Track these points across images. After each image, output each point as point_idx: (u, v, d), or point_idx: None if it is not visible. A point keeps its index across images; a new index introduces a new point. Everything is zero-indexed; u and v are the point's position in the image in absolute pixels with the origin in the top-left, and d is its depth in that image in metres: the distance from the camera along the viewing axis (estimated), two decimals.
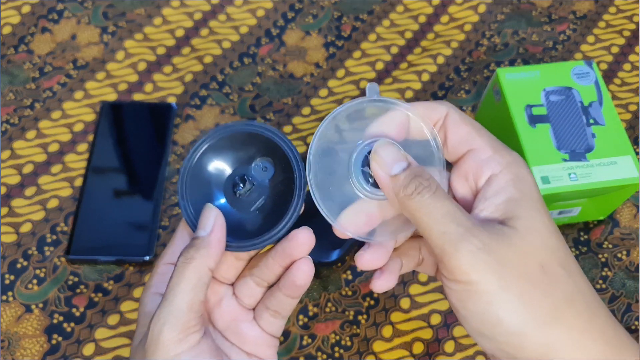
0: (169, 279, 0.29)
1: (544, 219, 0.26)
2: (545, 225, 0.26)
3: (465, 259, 0.25)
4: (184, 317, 0.27)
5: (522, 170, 0.27)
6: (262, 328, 0.33)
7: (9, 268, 0.46)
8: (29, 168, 0.50)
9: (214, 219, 0.29)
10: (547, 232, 0.26)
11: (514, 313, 0.25)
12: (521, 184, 0.27)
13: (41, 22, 0.57)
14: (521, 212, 0.26)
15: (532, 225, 0.26)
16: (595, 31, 0.60)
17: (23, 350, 0.43)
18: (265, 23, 0.59)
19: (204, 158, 0.32)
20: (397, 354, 0.44)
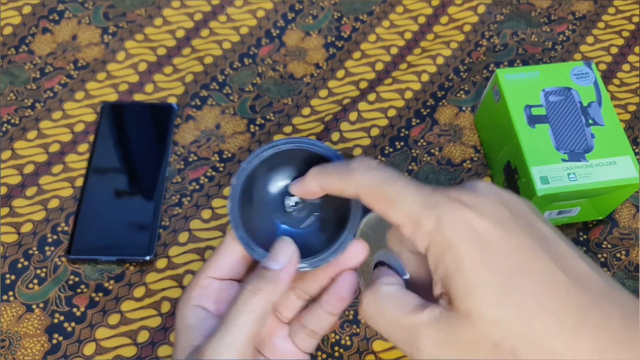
0: (232, 304, 0.28)
1: (483, 293, 0.23)
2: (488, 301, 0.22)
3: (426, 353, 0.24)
4: (241, 349, 0.27)
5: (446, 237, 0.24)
6: (296, 345, 0.33)
7: (9, 268, 0.46)
8: (30, 168, 0.50)
9: (291, 255, 0.29)
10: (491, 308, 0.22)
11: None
12: (449, 257, 0.23)
13: (42, 23, 0.57)
14: (455, 289, 0.23)
15: (473, 306, 0.23)
16: (594, 32, 0.60)
17: (24, 350, 0.43)
18: (265, 24, 0.59)
19: (256, 174, 0.31)
20: (396, 354, 0.45)
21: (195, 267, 0.47)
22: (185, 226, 0.48)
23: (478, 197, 0.25)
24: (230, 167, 0.51)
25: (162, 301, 0.46)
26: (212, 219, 0.49)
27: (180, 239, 0.48)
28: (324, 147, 0.31)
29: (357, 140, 0.53)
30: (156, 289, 0.46)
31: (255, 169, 0.31)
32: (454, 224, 0.24)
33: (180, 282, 0.46)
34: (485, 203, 0.24)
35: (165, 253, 0.47)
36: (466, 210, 0.24)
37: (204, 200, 0.50)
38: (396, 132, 0.53)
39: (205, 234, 0.48)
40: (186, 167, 0.51)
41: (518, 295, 0.22)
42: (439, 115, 0.55)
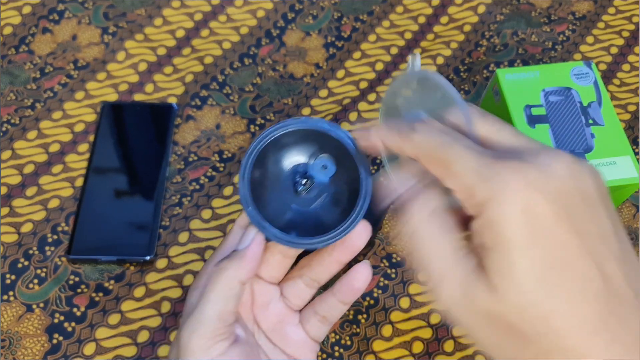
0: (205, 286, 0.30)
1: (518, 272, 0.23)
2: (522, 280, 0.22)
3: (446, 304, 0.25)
4: (212, 326, 0.29)
5: (496, 212, 0.23)
6: (306, 332, 0.34)
7: (9, 268, 0.46)
8: (30, 168, 0.50)
9: (254, 234, 0.31)
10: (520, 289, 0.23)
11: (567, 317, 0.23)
12: (494, 232, 0.23)
13: (42, 23, 0.57)
14: (492, 263, 0.23)
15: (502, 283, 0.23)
16: (594, 32, 0.60)
17: (24, 350, 0.43)
18: (265, 24, 0.59)
19: (266, 153, 0.31)
20: (396, 353, 0.45)
21: (195, 267, 0.47)
22: (186, 226, 0.48)
23: (546, 175, 0.23)
24: (231, 167, 0.51)
25: (162, 301, 0.46)
26: (212, 219, 0.49)
27: (181, 239, 0.48)
28: (333, 126, 0.31)
29: None
30: (156, 289, 0.46)
31: (264, 148, 0.31)
32: (508, 202, 0.23)
33: (180, 282, 0.46)
34: (552, 184, 0.23)
35: (165, 253, 0.47)
36: (526, 190, 0.23)
37: (204, 200, 0.50)
38: None
39: (205, 234, 0.48)
40: (186, 167, 0.51)
41: (549, 290, 0.22)
42: None
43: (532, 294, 0.22)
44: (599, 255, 0.23)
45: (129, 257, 0.46)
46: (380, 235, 0.48)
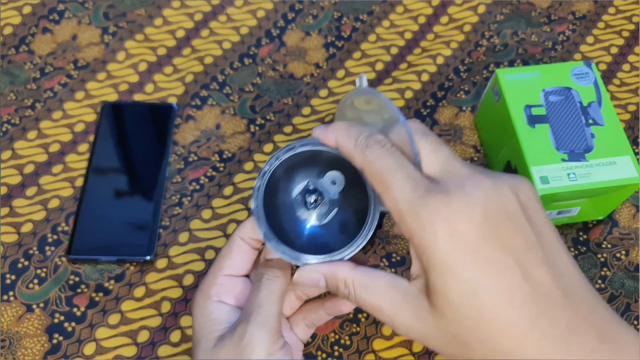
0: (257, 291, 0.33)
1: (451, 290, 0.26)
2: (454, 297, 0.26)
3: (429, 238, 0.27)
4: (276, 323, 0.32)
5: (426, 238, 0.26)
6: (295, 334, 0.38)
7: (9, 268, 0.46)
8: (30, 168, 0.50)
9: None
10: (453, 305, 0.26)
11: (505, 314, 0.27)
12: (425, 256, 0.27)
13: (42, 23, 0.57)
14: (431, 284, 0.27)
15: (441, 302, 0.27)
16: (594, 32, 0.60)
17: (24, 350, 0.43)
18: (265, 24, 0.59)
19: (276, 175, 0.33)
20: (397, 352, 0.45)
21: (195, 267, 0.47)
22: (186, 226, 0.48)
23: (470, 203, 0.26)
24: (231, 167, 0.51)
25: (162, 301, 0.46)
26: (213, 219, 0.49)
27: (181, 239, 0.48)
28: None
29: None
30: (156, 289, 0.46)
31: (275, 170, 0.32)
32: (436, 230, 0.26)
33: (180, 282, 0.46)
34: (476, 211, 0.26)
35: (165, 253, 0.47)
36: (452, 219, 0.26)
37: (204, 200, 0.50)
38: None
39: (205, 234, 0.48)
40: (186, 167, 0.51)
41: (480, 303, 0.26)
42: (439, 115, 0.55)
43: (465, 308, 0.26)
44: (526, 264, 0.26)
45: (129, 257, 0.46)
46: (380, 235, 0.48)
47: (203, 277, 0.46)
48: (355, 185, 0.32)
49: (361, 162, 0.29)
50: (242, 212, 0.49)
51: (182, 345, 0.44)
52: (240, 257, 0.34)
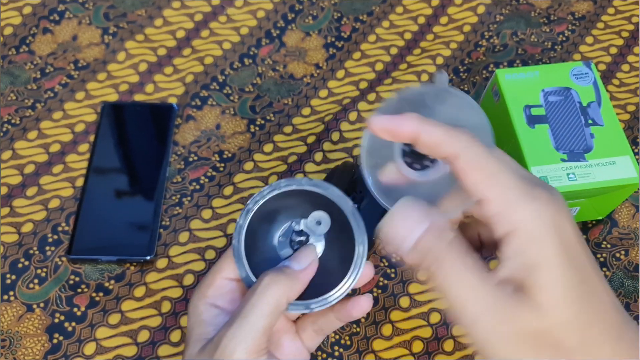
0: (250, 295, 0.29)
1: (560, 290, 0.24)
2: (564, 295, 0.24)
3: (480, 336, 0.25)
4: (258, 340, 0.28)
5: (537, 228, 0.24)
6: (302, 341, 0.35)
7: (10, 268, 0.46)
8: (30, 168, 0.50)
9: (312, 260, 0.31)
10: (564, 303, 0.24)
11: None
12: (537, 248, 0.24)
13: (42, 23, 0.57)
14: (536, 282, 0.24)
15: (548, 299, 0.24)
16: (593, 32, 0.60)
17: (24, 350, 0.43)
18: (265, 24, 0.59)
19: (261, 211, 0.31)
20: (396, 353, 0.45)
21: (195, 267, 0.47)
22: (186, 226, 0.48)
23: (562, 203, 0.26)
24: (231, 167, 0.51)
25: (162, 301, 0.46)
26: (213, 219, 0.49)
27: (181, 239, 0.48)
28: (327, 187, 0.31)
29: (357, 140, 0.53)
30: (156, 288, 0.46)
31: (259, 208, 0.31)
32: (549, 221, 0.24)
33: (180, 282, 0.46)
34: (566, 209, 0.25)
35: (165, 253, 0.47)
36: (563, 213, 0.25)
37: (204, 200, 0.50)
38: None
39: (205, 234, 0.48)
40: (186, 167, 0.51)
41: (582, 305, 0.24)
42: None
43: (572, 308, 0.24)
44: (599, 273, 0.26)
45: (129, 257, 0.46)
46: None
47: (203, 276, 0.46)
48: (341, 224, 0.31)
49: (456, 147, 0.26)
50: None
51: (182, 345, 0.44)
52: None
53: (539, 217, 0.24)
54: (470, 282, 0.25)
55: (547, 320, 0.24)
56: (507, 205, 0.25)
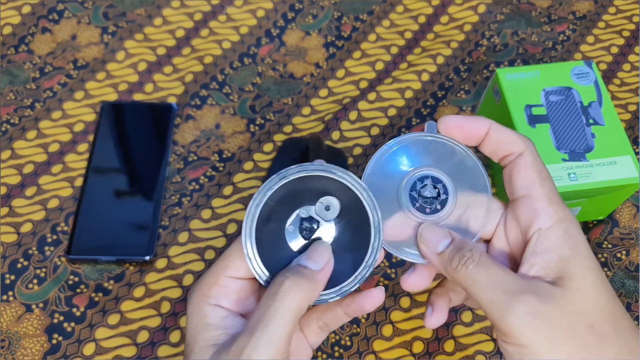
0: (270, 301, 0.28)
1: (594, 279, 0.26)
2: (596, 285, 0.26)
3: (514, 325, 0.26)
4: (281, 349, 0.27)
5: (572, 228, 0.27)
6: (305, 337, 0.33)
7: (9, 268, 0.46)
8: (30, 168, 0.50)
9: (328, 259, 0.30)
10: (596, 292, 0.26)
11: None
12: (572, 242, 0.27)
13: (41, 22, 0.57)
14: (571, 271, 0.26)
15: (582, 287, 0.26)
16: (594, 31, 0.60)
17: (23, 350, 0.43)
18: (265, 23, 0.59)
19: (269, 202, 0.30)
20: (397, 353, 0.45)
21: (195, 267, 0.47)
22: (185, 226, 0.48)
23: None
24: (230, 167, 0.51)
25: (162, 301, 0.45)
26: (212, 219, 0.49)
27: (180, 239, 0.48)
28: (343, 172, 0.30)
29: (357, 139, 0.53)
30: (156, 289, 0.46)
31: (269, 197, 0.30)
32: (577, 224, 0.28)
33: (180, 282, 0.46)
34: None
35: (165, 253, 0.47)
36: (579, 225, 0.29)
37: (204, 200, 0.50)
38: (396, 132, 0.53)
39: (205, 234, 0.48)
40: (186, 167, 0.51)
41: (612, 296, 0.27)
42: (439, 115, 0.54)
43: (604, 296, 0.26)
44: None
45: (128, 257, 0.46)
46: None
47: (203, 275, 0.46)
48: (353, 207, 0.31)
49: (521, 147, 0.29)
50: (241, 212, 0.49)
51: (181, 346, 0.44)
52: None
53: (573, 219, 0.28)
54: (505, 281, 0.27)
55: (585, 303, 0.26)
56: (550, 204, 0.28)
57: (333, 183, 0.30)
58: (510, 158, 0.29)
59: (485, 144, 0.30)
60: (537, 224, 0.28)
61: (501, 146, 0.29)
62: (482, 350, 0.45)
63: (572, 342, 0.26)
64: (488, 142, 0.29)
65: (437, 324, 0.33)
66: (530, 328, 0.26)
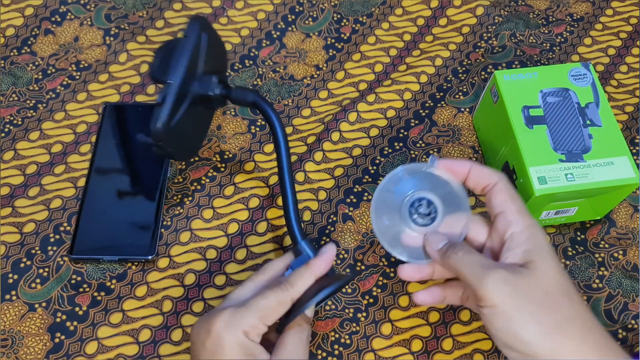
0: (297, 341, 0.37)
1: (551, 263, 0.34)
2: (552, 267, 0.34)
3: (489, 288, 0.33)
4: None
5: (536, 231, 0.36)
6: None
7: (12, 267, 0.46)
8: (32, 168, 0.51)
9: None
10: (553, 272, 0.34)
11: (527, 328, 0.33)
12: (535, 240, 0.35)
13: (44, 24, 0.58)
14: (534, 259, 0.34)
15: (542, 268, 0.34)
16: (592, 33, 0.60)
17: (26, 349, 0.44)
18: (265, 25, 0.59)
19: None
20: (396, 351, 0.45)
21: (196, 267, 0.47)
22: (187, 226, 0.49)
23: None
24: (231, 168, 0.52)
25: (163, 300, 0.46)
26: (214, 219, 0.49)
27: (182, 239, 0.48)
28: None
29: (357, 140, 0.53)
30: (158, 288, 0.46)
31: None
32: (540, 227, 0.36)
33: (182, 282, 0.47)
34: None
35: (167, 253, 0.48)
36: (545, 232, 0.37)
37: (205, 200, 0.50)
38: (395, 133, 0.54)
39: (206, 234, 0.49)
40: (187, 168, 0.51)
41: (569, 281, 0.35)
42: (438, 116, 0.55)
43: (563, 279, 0.34)
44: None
45: (130, 257, 0.47)
46: None
47: (204, 276, 0.47)
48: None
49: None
50: (242, 212, 0.50)
51: (183, 344, 0.45)
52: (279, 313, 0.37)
53: (536, 225, 0.36)
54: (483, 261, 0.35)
55: (547, 282, 0.33)
56: (520, 214, 0.36)
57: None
58: (488, 188, 0.38)
59: (469, 179, 0.38)
60: (510, 230, 0.36)
61: (480, 180, 0.38)
62: (480, 348, 0.45)
63: (532, 304, 0.33)
64: (471, 178, 0.38)
65: (423, 300, 0.40)
66: (500, 292, 0.33)
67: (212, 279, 0.47)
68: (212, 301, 0.46)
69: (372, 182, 0.52)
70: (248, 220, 0.49)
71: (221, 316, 0.35)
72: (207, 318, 0.36)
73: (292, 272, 0.39)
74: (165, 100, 0.39)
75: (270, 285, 0.37)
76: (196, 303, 0.46)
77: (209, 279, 0.47)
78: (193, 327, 0.38)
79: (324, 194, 0.51)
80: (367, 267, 0.48)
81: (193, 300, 0.46)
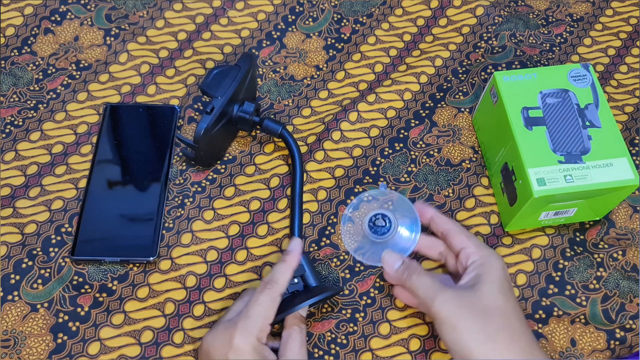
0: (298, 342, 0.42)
1: (493, 286, 0.40)
2: (494, 289, 0.40)
3: (438, 306, 0.39)
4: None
5: (490, 259, 0.42)
6: None
7: (14, 268, 0.47)
8: (33, 169, 0.51)
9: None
10: (493, 293, 0.40)
11: (467, 334, 0.39)
12: (487, 267, 0.42)
13: (44, 23, 0.58)
14: (481, 281, 0.41)
15: (484, 289, 0.40)
16: (591, 34, 0.60)
17: (29, 349, 0.44)
18: (266, 26, 0.59)
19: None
20: (394, 351, 0.45)
21: (197, 270, 0.47)
22: (188, 227, 0.49)
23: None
24: (232, 169, 0.52)
25: (166, 302, 0.46)
26: (214, 220, 0.49)
27: (183, 241, 0.48)
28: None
29: (357, 140, 0.53)
30: (160, 290, 0.47)
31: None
32: (494, 257, 0.43)
33: (183, 284, 0.47)
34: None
35: (168, 254, 0.48)
36: (498, 258, 0.43)
37: (206, 201, 0.50)
38: (395, 134, 0.54)
39: (207, 235, 0.49)
40: (188, 169, 0.51)
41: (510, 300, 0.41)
42: (438, 116, 0.55)
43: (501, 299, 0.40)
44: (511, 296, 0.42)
45: (132, 258, 0.47)
46: None
47: (205, 279, 0.47)
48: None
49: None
50: (243, 214, 0.50)
51: (185, 347, 0.45)
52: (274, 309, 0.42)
53: (492, 254, 0.43)
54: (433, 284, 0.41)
55: (486, 301, 0.40)
56: (477, 248, 0.43)
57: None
58: (447, 232, 0.45)
59: (432, 225, 0.46)
60: (470, 260, 0.43)
61: (440, 225, 0.45)
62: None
63: (472, 316, 0.39)
64: (433, 225, 0.46)
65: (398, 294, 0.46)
66: (447, 308, 0.39)
67: (212, 282, 0.47)
68: (212, 304, 0.46)
69: (373, 183, 0.52)
70: (249, 223, 0.50)
71: (238, 328, 0.40)
72: (222, 331, 0.40)
73: (271, 270, 0.43)
74: (213, 110, 0.46)
75: (258, 291, 0.42)
76: (197, 306, 0.46)
77: (209, 282, 0.47)
78: (205, 340, 0.41)
79: (324, 193, 0.51)
80: (365, 268, 0.48)
81: (194, 303, 0.46)
